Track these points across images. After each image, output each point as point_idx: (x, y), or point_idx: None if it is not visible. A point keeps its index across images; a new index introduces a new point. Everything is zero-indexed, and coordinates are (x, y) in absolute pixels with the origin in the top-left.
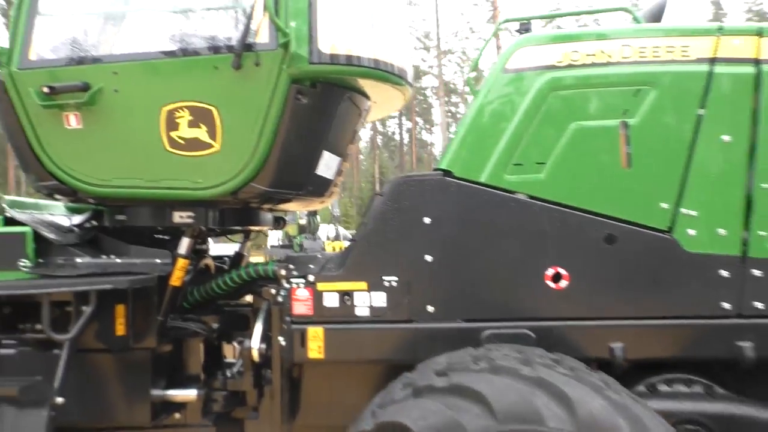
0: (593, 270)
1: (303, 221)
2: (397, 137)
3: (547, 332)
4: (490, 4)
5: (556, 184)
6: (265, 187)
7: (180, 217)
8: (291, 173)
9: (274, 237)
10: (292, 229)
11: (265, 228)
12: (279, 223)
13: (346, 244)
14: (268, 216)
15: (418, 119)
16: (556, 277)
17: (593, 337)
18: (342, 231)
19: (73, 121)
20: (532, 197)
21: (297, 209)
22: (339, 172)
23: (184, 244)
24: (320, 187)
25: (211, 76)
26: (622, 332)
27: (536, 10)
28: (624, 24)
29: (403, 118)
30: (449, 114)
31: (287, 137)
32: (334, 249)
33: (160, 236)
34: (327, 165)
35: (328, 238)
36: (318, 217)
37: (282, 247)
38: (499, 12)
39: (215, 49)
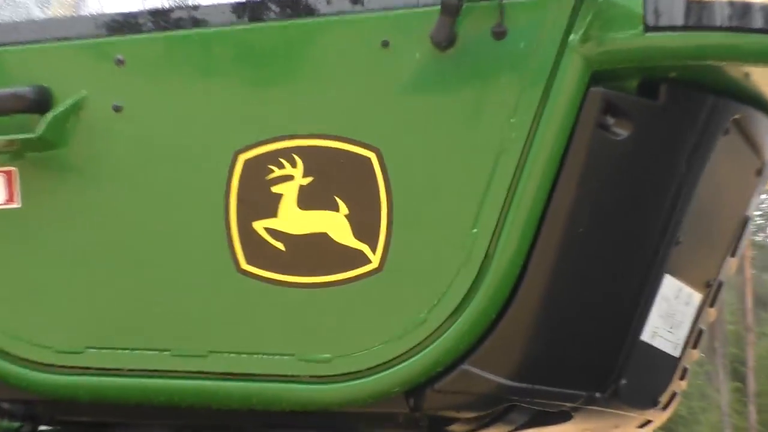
0: None
1: None
2: None
3: None
4: None
5: None
6: (503, 379)
7: None
8: (576, 339)
9: None
10: None
11: None
12: None
13: None
14: None
15: None
16: None
17: None
18: None
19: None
20: None
21: None
22: (695, 336)
23: None
24: (647, 381)
25: (365, 69)
26: None
27: None
28: None
29: None
30: None
31: (570, 236)
32: None
33: None
34: (669, 315)
35: None
36: None
37: None
38: None
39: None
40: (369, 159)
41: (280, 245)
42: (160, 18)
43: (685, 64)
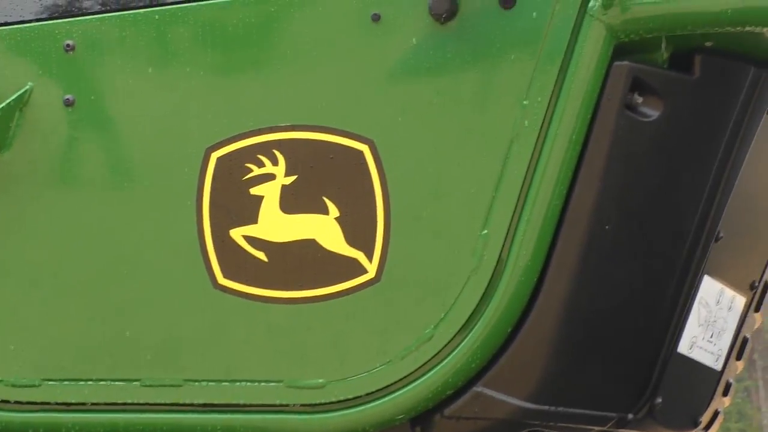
0: None
1: None
2: None
3: None
4: None
5: None
6: (521, 401)
7: None
8: (604, 353)
9: None
10: None
11: None
12: None
13: None
14: None
15: None
16: None
17: None
18: None
19: None
20: None
21: None
22: (739, 345)
23: None
24: (686, 398)
25: (353, 48)
26: None
27: None
28: None
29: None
30: None
31: (594, 234)
32: None
33: None
34: (709, 323)
35: None
36: None
37: None
38: None
39: None
40: (361, 152)
41: (261, 255)
42: None
43: (724, 31)
